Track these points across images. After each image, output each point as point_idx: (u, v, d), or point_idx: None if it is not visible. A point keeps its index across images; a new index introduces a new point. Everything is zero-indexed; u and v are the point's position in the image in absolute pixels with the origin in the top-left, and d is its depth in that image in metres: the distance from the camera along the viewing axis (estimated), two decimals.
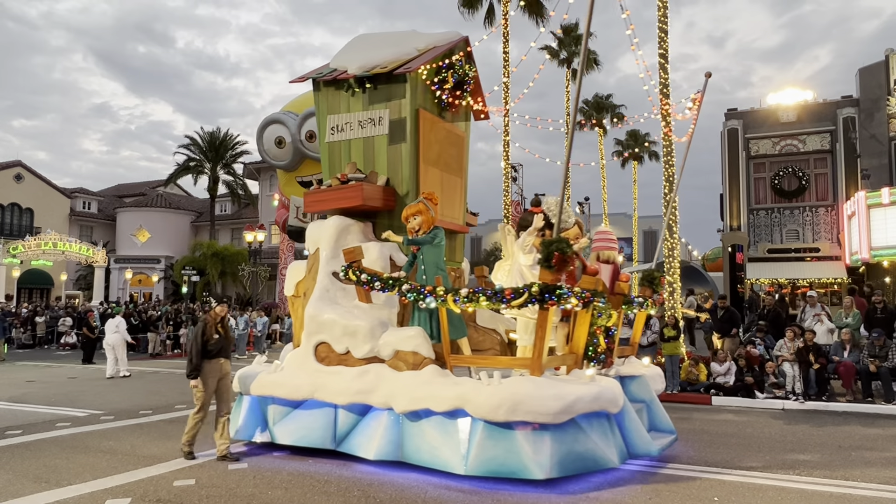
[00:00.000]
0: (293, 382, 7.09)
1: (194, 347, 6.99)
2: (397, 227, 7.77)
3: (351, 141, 8.26)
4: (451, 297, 6.29)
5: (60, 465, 6.63)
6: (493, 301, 6.12)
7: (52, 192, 39.19)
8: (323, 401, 6.92)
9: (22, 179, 37.93)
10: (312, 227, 8.08)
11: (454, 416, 6.11)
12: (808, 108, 25.35)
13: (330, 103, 8.49)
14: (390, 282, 6.80)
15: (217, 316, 7.17)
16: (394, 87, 8.06)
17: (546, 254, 5.89)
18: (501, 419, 5.78)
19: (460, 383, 6.19)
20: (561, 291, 5.83)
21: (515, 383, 5.92)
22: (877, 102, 23.31)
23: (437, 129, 8.48)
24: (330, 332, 7.02)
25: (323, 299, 7.25)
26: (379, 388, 6.59)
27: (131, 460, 6.84)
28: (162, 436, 8.13)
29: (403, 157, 8.01)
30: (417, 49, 8.23)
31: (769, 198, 25.70)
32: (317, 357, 7.14)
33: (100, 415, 9.65)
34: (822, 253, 23.68)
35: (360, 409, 6.78)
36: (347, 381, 6.75)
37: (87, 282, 36.81)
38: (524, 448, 5.76)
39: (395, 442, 6.47)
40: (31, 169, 38.68)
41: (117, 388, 12.93)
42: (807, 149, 25.31)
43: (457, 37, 8.73)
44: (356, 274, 6.97)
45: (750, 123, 26.24)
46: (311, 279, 7.71)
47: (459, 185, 8.96)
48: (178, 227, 41.48)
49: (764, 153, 25.91)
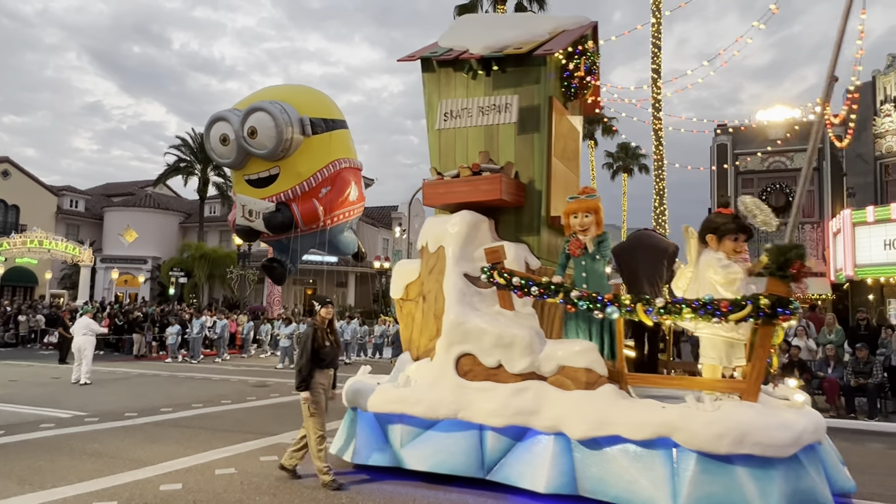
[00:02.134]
0: (430, 399, 5.96)
1: (304, 356, 5.98)
2: (526, 225, 6.94)
3: (468, 129, 7.26)
4: (641, 307, 5.34)
5: (44, 467, 6.36)
6: (702, 314, 5.14)
7: (39, 189, 38.08)
8: (467, 421, 5.85)
9: (9, 176, 36.48)
10: (434, 223, 7.00)
11: (654, 446, 5.11)
12: (796, 126, 25.73)
13: (442, 86, 7.48)
14: (552, 287, 5.78)
15: (324, 320, 6.19)
16: (526, 71, 7.08)
17: (781, 261, 5.06)
18: (723, 451, 4.83)
19: (665, 408, 5.19)
20: (794, 305, 4.96)
21: (737, 410, 4.98)
22: (863, 122, 23.51)
23: (563, 121, 7.55)
24: (477, 343, 5.96)
25: (463, 304, 6.18)
26: (543, 410, 5.57)
27: (117, 463, 6.57)
28: (147, 439, 7.82)
29: (535, 150, 7.03)
30: (548, 32, 7.25)
31: None
32: (458, 371, 6.05)
33: (84, 416, 9.28)
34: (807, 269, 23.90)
35: (515, 432, 5.73)
36: (502, 400, 5.69)
37: (71, 281, 35.86)
38: (747, 486, 4.81)
39: (568, 473, 5.42)
40: (18, 165, 37.25)
41: (102, 389, 12.46)
42: (794, 166, 25.52)
43: (586, 21, 7.72)
44: (504, 277, 5.95)
45: (739, 139, 26.43)
46: (432, 281, 6.64)
47: (575, 183, 8.04)
48: (166, 227, 40.63)
49: (752, 169, 26.10)
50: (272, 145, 9.05)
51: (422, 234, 7.12)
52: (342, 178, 9.90)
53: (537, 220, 7.07)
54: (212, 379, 14.83)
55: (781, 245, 5.26)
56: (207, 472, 6.35)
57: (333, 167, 9.74)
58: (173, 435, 8.16)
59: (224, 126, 9.39)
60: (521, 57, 7.00)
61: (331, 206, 9.69)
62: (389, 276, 35.09)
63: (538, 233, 7.07)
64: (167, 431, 8.38)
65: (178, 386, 13.45)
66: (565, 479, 5.41)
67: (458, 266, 6.49)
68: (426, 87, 7.71)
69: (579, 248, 6.12)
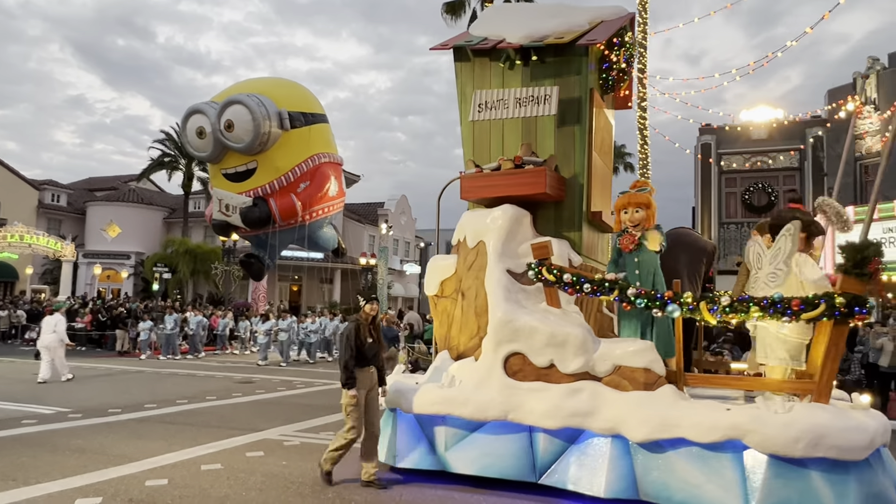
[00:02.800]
0: (478, 400, 5.69)
1: (347, 352, 5.74)
2: (567, 221, 6.72)
3: (504, 121, 6.99)
4: (705, 306, 5.10)
5: (27, 464, 6.22)
6: (771, 313, 4.92)
7: (19, 183, 37.24)
8: (517, 423, 5.61)
9: None
10: (472, 217, 6.70)
11: (723, 449, 4.91)
12: (778, 127, 25.94)
13: (477, 76, 7.21)
14: (606, 284, 5.52)
15: (368, 315, 5.95)
16: (567, 62, 6.83)
17: (858, 259, 4.87)
18: (798, 455, 4.64)
19: (730, 409, 5.00)
20: (871, 304, 4.78)
21: (812, 412, 4.78)
22: (844, 123, 24.06)
23: (601, 114, 7.34)
24: (528, 342, 5.69)
25: (510, 301, 5.91)
26: (600, 411, 5.34)
27: (101, 459, 6.44)
28: (132, 435, 7.71)
29: (576, 143, 6.80)
30: (588, 22, 7.00)
31: (739, 212, 26.16)
32: (507, 370, 5.78)
33: (67, 413, 9.11)
34: None
35: (568, 434, 5.49)
36: (556, 401, 5.45)
37: (53, 276, 35.18)
38: (822, 491, 4.64)
39: (627, 477, 5.20)
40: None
41: (85, 385, 12.24)
42: (776, 166, 25.86)
43: (624, 12, 7.44)
44: (554, 273, 5.69)
45: (723, 139, 26.67)
46: (471, 277, 6.39)
47: (611, 178, 7.86)
48: (149, 223, 40.01)
49: (735, 169, 26.39)
50: (249, 139, 8.91)
51: (459, 229, 6.86)
52: (322, 173, 9.76)
53: (578, 216, 6.85)
54: (196, 375, 14.60)
55: (858, 242, 5.05)
56: (193, 467, 6.27)
57: (313, 161, 9.59)
58: (158, 431, 8.05)
59: (200, 119, 9.22)
60: (561, 47, 6.74)
61: (310, 201, 9.55)
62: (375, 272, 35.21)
63: (579, 228, 6.84)
64: (152, 427, 8.30)
65: (163, 382, 13.22)
66: (625, 483, 5.19)
67: (501, 262, 6.23)
68: (459, 78, 7.42)
69: (632, 243, 5.93)
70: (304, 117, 9.58)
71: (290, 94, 9.84)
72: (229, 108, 8.99)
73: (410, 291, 45.45)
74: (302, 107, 9.66)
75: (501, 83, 7.07)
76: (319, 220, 10.20)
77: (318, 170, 9.66)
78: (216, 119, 9.01)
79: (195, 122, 9.32)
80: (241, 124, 8.86)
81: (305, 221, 9.70)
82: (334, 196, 10.15)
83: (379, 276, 35.33)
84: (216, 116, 9.03)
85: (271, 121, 8.97)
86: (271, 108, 9.08)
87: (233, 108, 8.88)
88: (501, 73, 7.09)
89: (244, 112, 8.87)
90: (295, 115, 9.36)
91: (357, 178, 41.42)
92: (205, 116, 9.20)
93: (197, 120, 9.29)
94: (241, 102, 8.96)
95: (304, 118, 9.55)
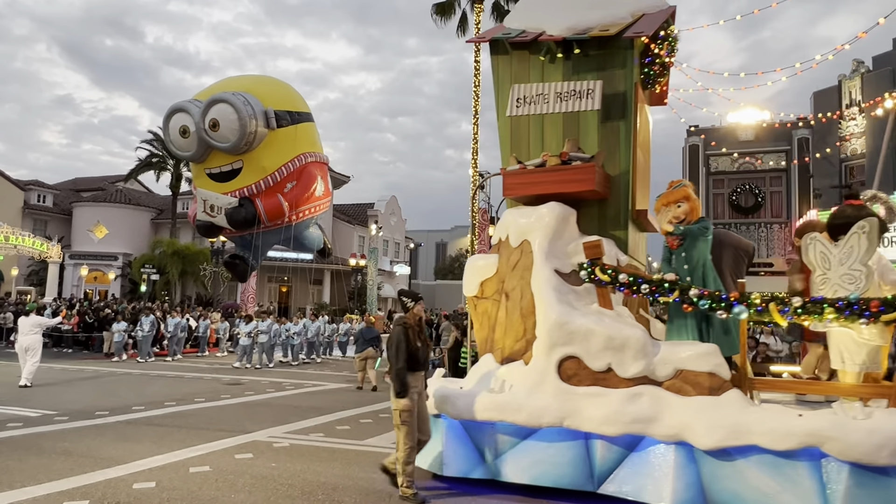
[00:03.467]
0: (532, 406, 5.42)
1: (399, 358, 5.36)
2: (612, 219, 6.51)
3: (544, 115, 6.73)
4: (775, 307, 4.87)
5: (13, 467, 6.10)
6: (847, 315, 4.69)
7: (4, 183, 36.23)
8: (573, 429, 5.34)
9: None
10: (516, 215, 6.41)
11: (797, 457, 4.66)
12: (765, 129, 26.25)
13: (515, 70, 6.95)
14: (666, 285, 5.26)
15: (416, 317, 5.62)
16: (611, 55, 6.59)
17: None
18: (882, 463, 4.40)
19: (811, 415, 4.76)
20: None
21: (894, 418, 4.55)
22: (829, 125, 24.32)
23: (643, 110, 7.10)
24: (583, 345, 5.43)
25: (563, 303, 5.64)
26: (662, 417, 5.08)
27: (88, 462, 6.32)
28: (120, 437, 7.57)
29: (621, 139, 6.55)
30: (630, 14, 6.74)
31: (727, 213, 26.34)
32: (561, 375, 5.51)
33: (53, 415, 8.92)
34: (775, 268, 24.30)
35: (627, 441, 5.23)
36: (616, 407, 5.18)
37: (39, 277, 34.61)
38: None
39: (695, 486, 4.94)
40: None
41: (71, 388, 12.03)
42: (763, 167, 26.06)
43: (665, 5, 7.14)
44: (608, 273, 5.45)
45: (710, 140, 27.08)
46: (515, 277, 6.12)
47: (649, 175, 7.56)
48: (137, 223, 39.53)
49: (723, 170, 26.57)
50: (235, 138, 8.68)
51: (500, 227, 6.59)
52: (308, 173, 9.53)
53: (623, 214, 6.61)
54: (184, 377, 14.35)
55: None
56: (181, 470, 6.17)
57: (299, 161, 9.37)
58: (146, 433, 7.90)
59: (184, 118, 8.93)
60: (605, 40, 6.48)
61: (296, 201, 9.34)
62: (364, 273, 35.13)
63: (624, 227, 6.60)
64: (140, 430, 8.16)
65: (150, 384, 12.93)
66: (692, 492, 4.93)
67: (549, 262, 5.94)
68: (496, 72, 7.13)
69: (677, 240, 5.73)
70: (290, 116, 9.36)
71: (276, 93, 9.57)
72: (214, 107, 8.73)
73: None
74: (287, 105, 9.43)
75: (541, 77, 6.81)
76: (306, 221, 9.98)
77: (304, 169, 9.44)
78: (200, 118, 8.74)
79: (178, 120, 9.03)
80: (226, 123, 8.63)
81: (292, 222, 9.52)
82: (321, 196, 9.94)
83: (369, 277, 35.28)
84: (200, 115, 8.76)
85: (257, 120, 8.74)
86: (257, 106, 8.84)
87: (218, 106, 8.64)
88: (541, 67, 6.82)
89: (230, 111, 8.64)
90: (281, 113, 9.14)
91: (347, 179, 41.26)
92: (188, 115, 8.90)
93: (180, 119, 9.00)
94: (227, 101, 8.71)
95: (289, 117, 9.33)
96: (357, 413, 10.07)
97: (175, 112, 9.08)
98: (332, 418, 9.49)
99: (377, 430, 8.62)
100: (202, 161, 9.22)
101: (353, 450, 7.35)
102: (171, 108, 9.20)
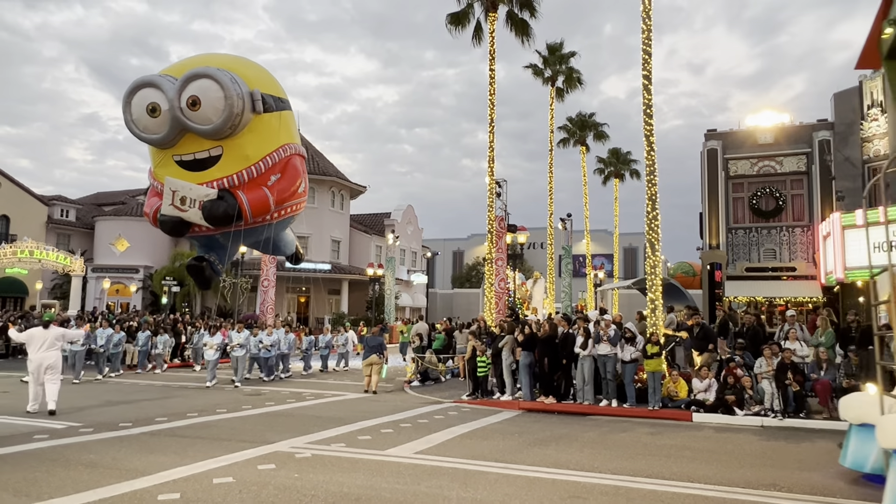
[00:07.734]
0: None
1: None
2: None
3: None
4: None
5: (40, 479, 6.16)
6: None
7: (29, 199, 37.43)
8: None
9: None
10: None
11: None
12: (785, 131, 25.88)
13: None
14: None
15: None
16: None
17: None
18: None
19: None
20: None
21: None
22: (851, 126, 23.83)
23: None
24: None
25: None
26: None
27: (113, 474, 6.37)
28: (144, 449, 7.61)
29: None
30: None
31: (747, 217, 26.07)
32: None
33: (78, 427, 9.03)
34: (798, 272, 23.99)
35: None
36: None
37: (62, 291, 35.34)
38: None
39: None
40: (8, 175, 36.39)
41: (95, 400, 12.10)
42: (784, 170, 25.80)
43: None
44: None
45: (729, 144, 26.67)
46: None
47: None
48: (157, 236, 40.10)
49: (742, 173, 26.35)
50: (220, 120, 7.50)
51: None
52: (292, 166, 8.49)
53: None
54: (206, 388, 14.65)
55: None
56: (205, 481, 6.18)
57: (284, 152, 8.35)
58: (169, 444, 7.96)
59: (153, 93, 7.62)
60: None
61: (281, 196, 8.27)
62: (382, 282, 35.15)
63: None
64: (163, 441, 8.22)
65: (172, 395, 13.07)
66: None
67: None
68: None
69: None
70: (275, 102, 8.26)
71: (259, 76, 8.37)
72: (194, 83, 7.44)
73: (418, 301, 45.35)
74: (272, 90, 8.34)
75: None
76: (286, 220, 8.86)
77: (288, 161, 8.42)
78: (176, 94, 7.44)
79: (146, 96, 7.65)
80: (209, 102, 7.36)
81: (273, 220, 8.35)
82: (302, 193, 8.88)
83: (386, 287, 35.37)
84: (176, 91, 7.46)
85: (244, 101, 7.58)
86: (244, 87, 7.67)
87: (200, 82, 7.39)
88: None
89: (214, 88, 7.39)
90: (267, 97, 8.01)
91: (363, 190, 41.46)
92: (159, 91, 7.56)
93: (148, 94, 7.63)
94: (212, 76, 7.44)
95: (275, 102, 8.23)
96: (378, 423, 10.04)
97: (141, 87, 7.72)
98: (353, 428, 9.47)
99: (398, 439, 8.59)
100: (171, 146, 7.91)
101: (375, 460, 7.32)
102: (135, 82, 7.78)
